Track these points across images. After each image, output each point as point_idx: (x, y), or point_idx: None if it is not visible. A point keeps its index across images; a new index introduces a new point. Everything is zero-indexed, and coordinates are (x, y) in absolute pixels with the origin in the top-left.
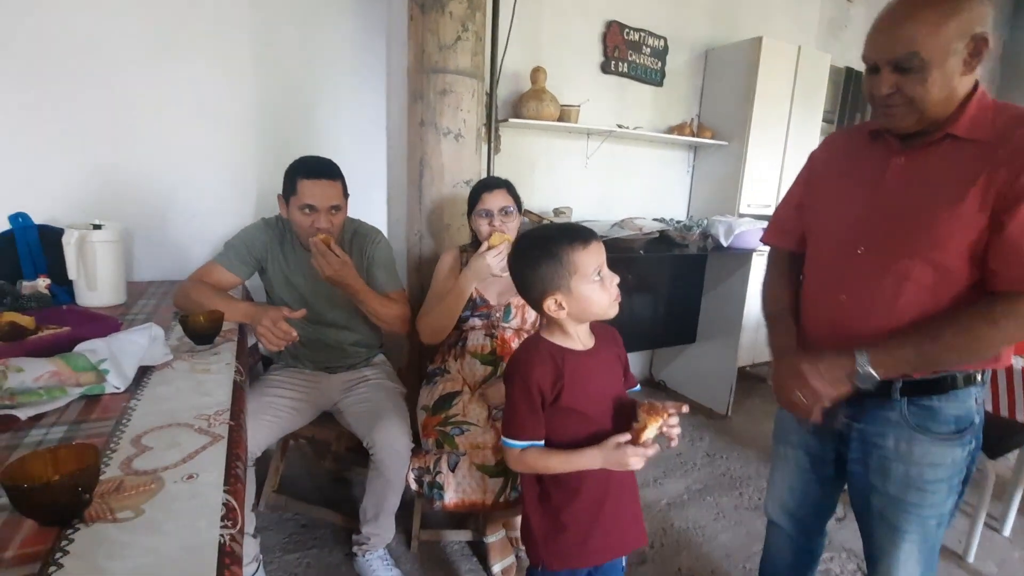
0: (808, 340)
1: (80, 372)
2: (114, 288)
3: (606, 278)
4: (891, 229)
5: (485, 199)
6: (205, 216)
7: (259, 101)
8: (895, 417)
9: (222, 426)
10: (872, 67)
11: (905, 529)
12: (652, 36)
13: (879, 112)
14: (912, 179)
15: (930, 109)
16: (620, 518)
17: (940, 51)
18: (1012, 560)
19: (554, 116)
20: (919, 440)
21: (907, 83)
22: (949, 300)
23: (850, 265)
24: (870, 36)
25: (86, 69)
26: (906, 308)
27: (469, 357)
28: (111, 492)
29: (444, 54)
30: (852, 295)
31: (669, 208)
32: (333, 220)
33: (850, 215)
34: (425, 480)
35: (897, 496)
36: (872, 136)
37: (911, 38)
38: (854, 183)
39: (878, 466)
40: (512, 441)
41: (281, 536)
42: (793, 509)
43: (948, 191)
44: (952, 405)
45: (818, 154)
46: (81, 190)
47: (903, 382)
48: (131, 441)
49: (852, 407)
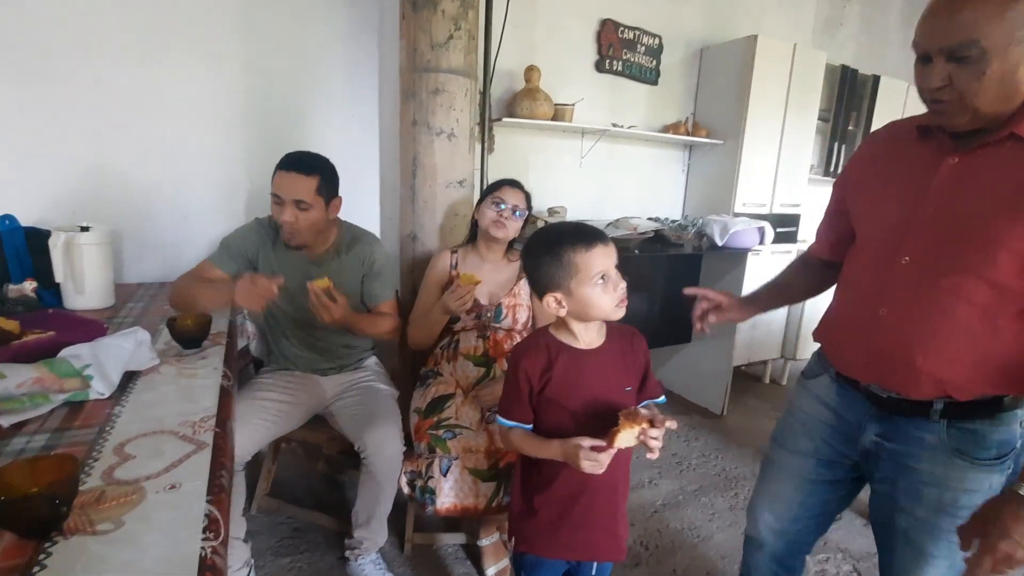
0: (842, 365)
1: (64, 378)
2: (102, 291)
3: (611, 281)
4: (941, 239)
5: (505, 191)
6: (195, 216)
7: (249, 100)
8: (932, 440)
9: (207, 433)
10: (924, 56)
11: (933, 554)
12: (647, 34)
13: (929, 107)
14: (967, 183)
15: (985, 106)
16: (592, 524)
17: (1003, 40)
18: None
19: (548, 115)
20: (957, 465)
21: (962, 75)
22: (1005, 321)
23: (892, 276)
24: (923, 21)
25: (73, 68)
26: (955, 331)
27: (462, 359)
28: (91, 503)
29: (436, 53)
30: (894, 310)
31: (664, 207)
32: (299, 216)
33: (894, 220)
34: (417, 484)
35: (927, 519)
36: (921, 133)
37: (971, 24)
38: (900, 184)
39: (908, 488)
40: (500, 418)
41: (273, 540)
42: (785, 523)
43: (1009, 199)
44: (996, 429)
45: (859, 154)
46: (68, 191)
47: (944, 403)
48: (114, 449)
49: (883, 424)
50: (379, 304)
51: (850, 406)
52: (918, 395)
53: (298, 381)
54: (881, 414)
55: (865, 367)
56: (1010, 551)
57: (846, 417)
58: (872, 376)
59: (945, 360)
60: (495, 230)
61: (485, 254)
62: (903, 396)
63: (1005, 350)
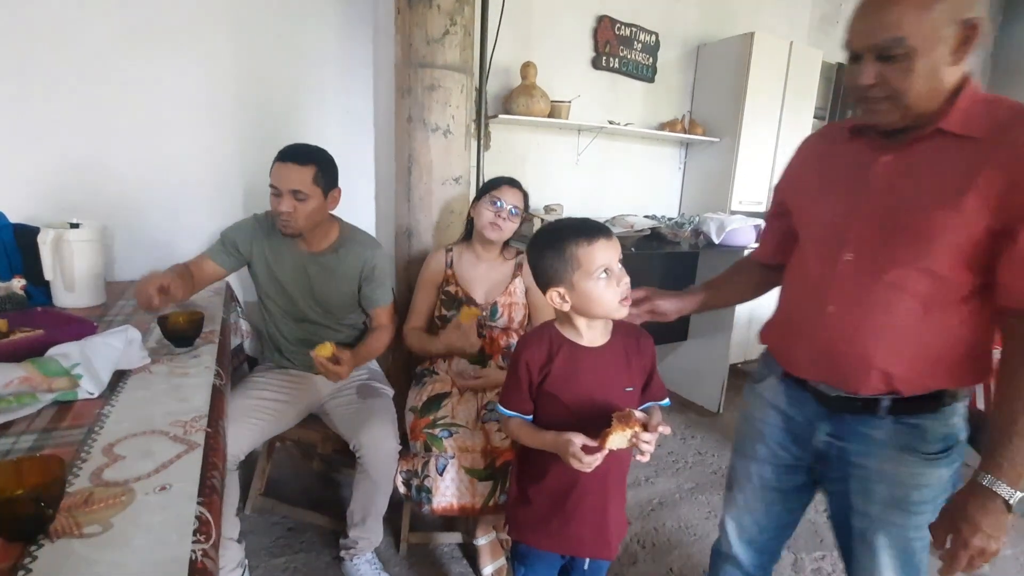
0: (790, 365)
1: (52, 377)
2: (92, 289)
3: (614, 277)
4: (881, 234)
5: (504, 190)
6: (187, 212)
7: (242, 95)
8: (880, 436)
9: (199, 433)
10: (855, 55)
11: (888, 551)
12: (643, 31)
13: (860, 107)
14: (901, 179)
15: (915, 103)
16: (580, 519)
17: (927, 37)
18: (1004, 558)
19: (544, 112)
20: (905, 461)
21: (891, 73)
22: (945, 313)
23: (837, 273)
24: (852, 22)
25: (62, 62)
26: (899, 324)
27: (457, 358)
28: (79, 505)
29: (432, 48)
30: (840, 307)
31: (660, 205)
32: (297, 206)
33: (835, 218)
34: (413, 483)
35: (880, 517)
36: (853, 133)
37: (896, 22)
38: (838, 184)
39: (860, 488)
40: (500, 406)
41: (267, 540)
42: (755, 535)
43: (943, 192)
44: (940, 423)
45: (796, 158)
46: (58, 187)
47: (891, 400)
48: (103, 450)
49: (833, 424)
50: (376, 308)
51: (799, 407)
52: (866, 391)
53: (293, 379)
54: (830, 413)
55: (813, 366)
56: (983, 545)
57: (796, 418)
58: (820, 374)
59: (892, 354)
60: (491, 232)
61: (480, 252)
62: (851, 394)
63: (945, 342)
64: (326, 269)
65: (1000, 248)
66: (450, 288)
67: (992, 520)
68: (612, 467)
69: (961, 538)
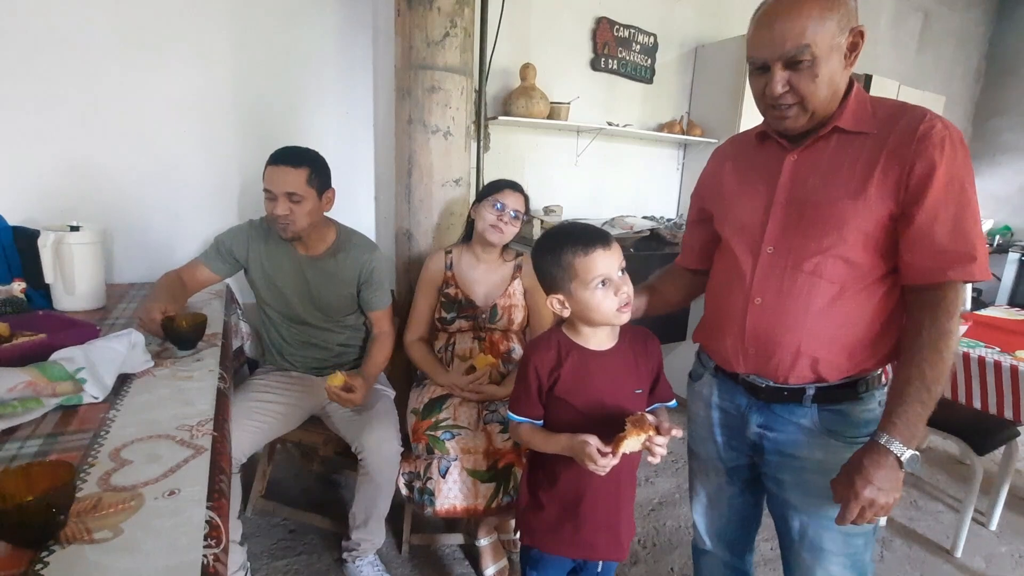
0: (722, 360)
1: (56, 382)
2: (93, 291)
3: (612, 285)
4: (796, 227)
5: (506, 193)
6: (187, 215)
7: (242, 97)
8: (808, 424)
9: (205, 437)
10: (762, 66)
11: (831, 550)
12: (642, 33)
13: (771, 114)
14: (809, 175)
15: (819, 107)
16: (595, 523)
17: (828, 45)
18: (1000, 555)
19: (544, 113)
20: (833, 447)
21: (799, 80)
22: (862, 297)
23: (760, 267)
24: (755, 34)
25: (61, 64)
26: (821, 311)
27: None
28: (88, 511)
29: (432, 50)
30: (767, 298)
31: (659, 206)
32: (293, 208)
33: (752, 216)
34: (416, 486)
35: (818, 512)
36: (760, 139)
37: (801, 32)
38: (752, 184)
39: (795, 481)
40: (510, 412)
41: (269, 542)
42: (723, 529)
43: (847, 184)
44: (861, 408)
45: (709, 167)
46: (58, 190)
47: (815, 388)
48: (110, 455)
49: (763, 415)
50: (375, 312)
51: (731, 400)
52: (795, 380)
53: (294, 382)
54: (760, 404)
55: (744, 358)
56: (873, 497)
57: (731, 412)
58: (751, 366)
59: (817, 340)
60: (492, 235)
61: (480, 254)
62: (780, 384)
63: (864, 325)
64: (324, 273)
65: (901, 230)
66: (450, 290)
67: (884, 474)
68: (624, 470)
69: (854, 490)
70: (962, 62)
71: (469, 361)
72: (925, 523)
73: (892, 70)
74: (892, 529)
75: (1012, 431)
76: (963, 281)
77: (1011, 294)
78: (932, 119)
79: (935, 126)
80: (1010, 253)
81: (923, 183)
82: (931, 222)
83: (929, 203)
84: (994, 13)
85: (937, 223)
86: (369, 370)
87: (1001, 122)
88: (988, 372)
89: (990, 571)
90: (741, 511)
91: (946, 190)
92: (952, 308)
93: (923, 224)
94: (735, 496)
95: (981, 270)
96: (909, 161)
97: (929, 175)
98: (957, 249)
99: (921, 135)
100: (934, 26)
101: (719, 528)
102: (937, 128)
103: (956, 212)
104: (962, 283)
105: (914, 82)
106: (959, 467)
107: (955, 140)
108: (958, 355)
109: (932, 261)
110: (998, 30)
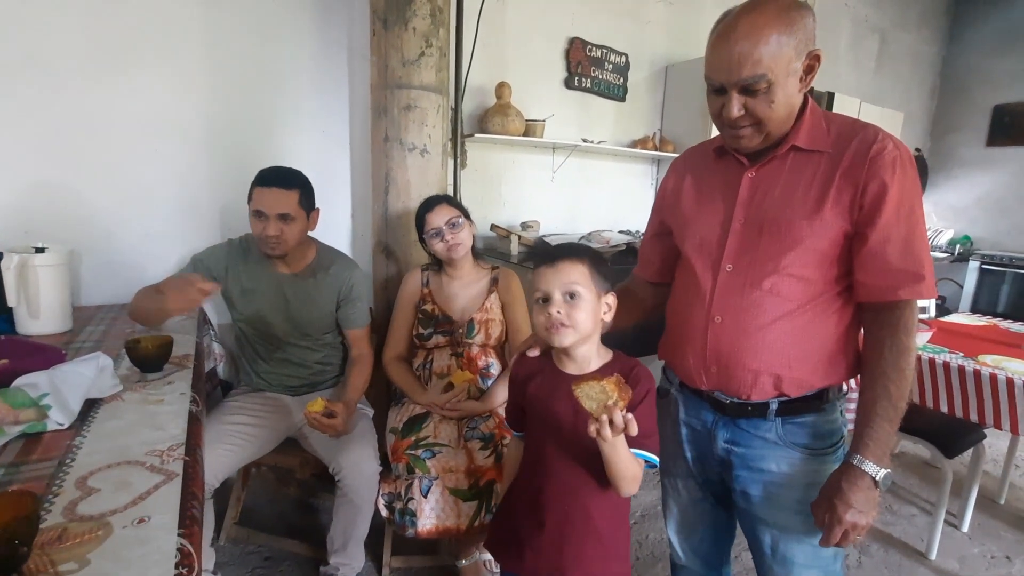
0: (686, 376)
1: (19, 409)
2: (59, 315)
3: (552, 304)
4: (755, 244)
5: (430, 220)
6: (158, 235)
7: (215, 117)
8: (772, 437)
9: (176, 462)
10: (719, 88)
11: (801, 563)
12: (614, 52)
13: (727, 133)
14: (766, 193)
15: (775, 128)
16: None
17: (783, 71)
18: (972, 556)
19: (519, 131)
20: (797, 459)
21: (755, 105)
22: (819, 314)
23: (720, 284)
24: (712, 55)
25: (26, 83)
26: (782, 327)
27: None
28: (52, 542)
29: (408, 70)
30: (727, 316)
31: (635, 220)
32: (284, 229)
33: (711, 233)
34: (396, 506)
35: (787, 525)
36: (718, 153)
37: (758, 60)
38: (710, 201)
39: (764, 496)
40: (507, 423)
41: (244, 571)
42: (698, 545)
43: (803, 204)
44: (824, 420)
45: (668, 179)
46: (22, 210)
47: (778, 402)
48: (76, 483)
49: (729, 430)
50: (354, 331)
51: (698, 416)
52: (758, 396)
53: (269, 403)
54: (726, 420)
55: (707, 376)
56: (855, 520)
57: (697, 428)
58: (714, 383)
59: (777, 357)
60: (452, 253)
61: (452, 273)
62: (744, 400)
63: (823, 342)
64: (304, 291)
65: (855, 249)
66: (427, 307)
67: (862, 496)
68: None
69: (836, 515)
70: (918, 80)
71: (447, 379)
72: (900, 527)
73: (853, 88)
74: (869, 534)
75: (979, 434)
76: (913, 299)
77: (973, 301)
78: (884, 139)
79: (887, 147)
80: (971, 262)
81: (876, 204)
82: (883, 243)
83: (881, 224)
84: (946, 32)
85: (889, 244)
86: (350, 395)
87: (957, 137)
88: (953, 377)
89: (964, 572)
90: (714, 525)
91: (897, 212)
92: (910, 325)
93: (876, 245)
94: (707, 511)
95: (928, 288)
96: (863, 182)
97: (881, 196)
98: (907, 269)
99: (873, 156)
100: (891, 46)
101: (694, 544)
102: (888, 149)
103: (906, 233)
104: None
105: (874, 99)
106: (930, 470)
107: (905, 161)
108: (925, 361)
109: (884, 280)
110: (951, 51)
